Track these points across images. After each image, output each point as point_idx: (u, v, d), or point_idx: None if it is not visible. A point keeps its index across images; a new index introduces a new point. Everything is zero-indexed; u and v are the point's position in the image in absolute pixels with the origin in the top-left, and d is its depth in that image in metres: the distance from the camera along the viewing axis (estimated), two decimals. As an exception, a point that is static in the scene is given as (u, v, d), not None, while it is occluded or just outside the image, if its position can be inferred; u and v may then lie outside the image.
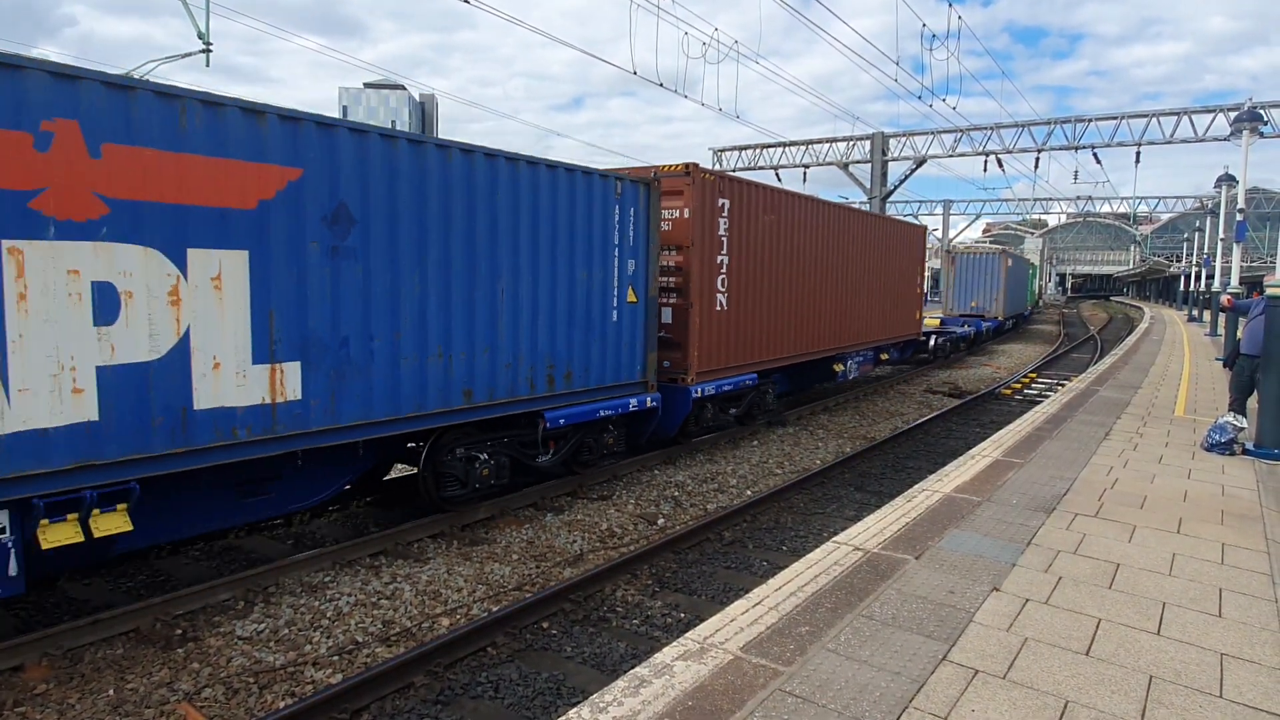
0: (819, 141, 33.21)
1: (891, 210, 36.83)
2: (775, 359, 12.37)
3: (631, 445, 10.07)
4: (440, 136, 8.47)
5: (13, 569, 4.75)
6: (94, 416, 4.90)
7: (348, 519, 8.03)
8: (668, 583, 6.66)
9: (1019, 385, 19.21)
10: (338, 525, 7.84)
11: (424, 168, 6.73)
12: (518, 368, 7.81)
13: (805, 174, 33.78)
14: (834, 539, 5.15)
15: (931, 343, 22.66)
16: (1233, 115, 21.85)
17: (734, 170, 34.62)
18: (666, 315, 10.20)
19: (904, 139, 31.39)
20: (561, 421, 8.38)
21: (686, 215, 10.07)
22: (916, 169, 31.71)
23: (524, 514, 8.28)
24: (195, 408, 5.38)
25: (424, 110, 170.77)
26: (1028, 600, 4.22)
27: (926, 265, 21.20)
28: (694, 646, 3.58)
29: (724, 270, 10.76)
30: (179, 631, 5.50)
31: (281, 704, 4.69)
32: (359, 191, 6.24)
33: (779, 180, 34.05)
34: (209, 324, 5.41)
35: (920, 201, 55.69)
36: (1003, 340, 33.07)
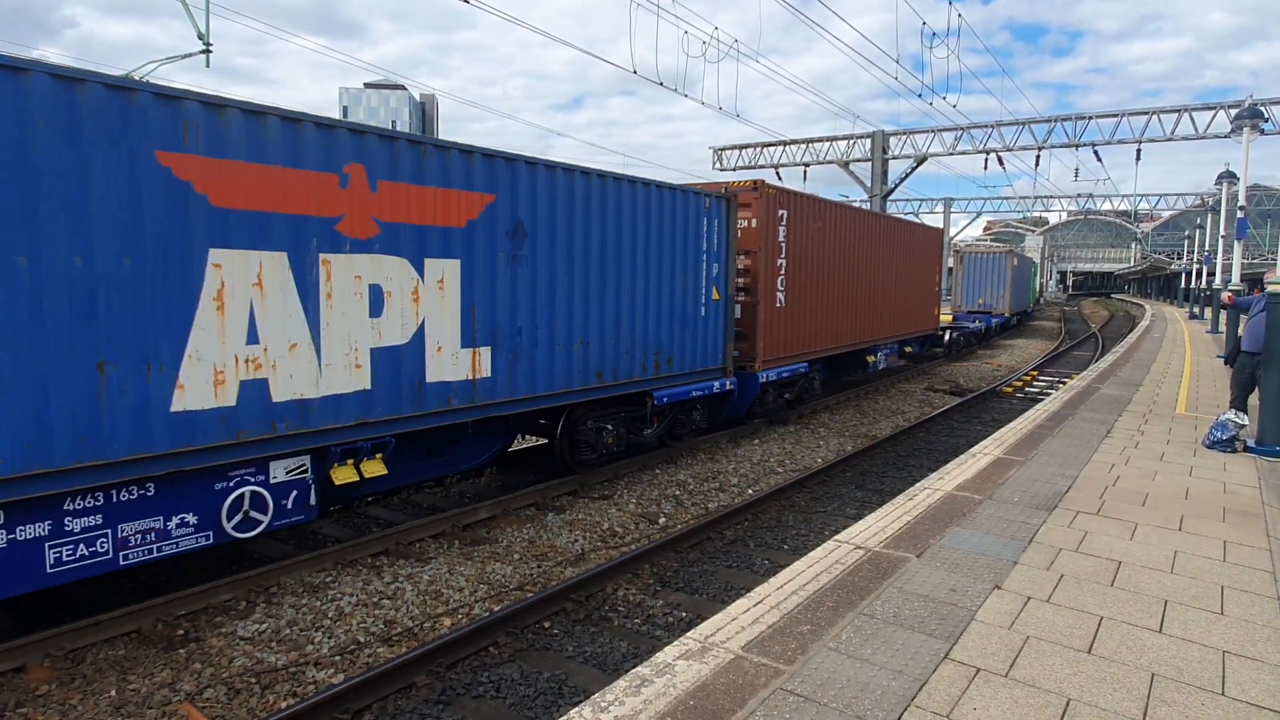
0: (819, 140, 33.17)
1: (892, 209, 36.87)
2: (822, 350, 14.08)
3: (711, 423, 11.53)
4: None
5: (313, 500, 6.35)
6: (368, 385, 6.49)
7: (349, 519, 8.04)
8: (669, 582, 6.66)
9: (1020, 383, 19.19)
10: (339, 525, 7.84)
11: (572, 190, 8.30)
12: (634, 354, 9.46)
13: (805, 172, 33.77)
14: (835, 537, 5.14)
15: (946, 337, 23.90)
16: (1233, 112, 21.82)
17: (734, 169, 34.63)
18: (736, 311, 11.53)
19: (904, 137, 31.35)
20: (665, 399, 10.00)
21: (754, 225, 11.67)
22: (917, 167, 31.67)
23: (525, 513, 8.28)
24: (427, 381, 6.99)
25: (424, 110, 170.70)
26: (1029, 598, 4.22)
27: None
28: (695, 646, 3.58)
29: (782, 272, 12.32)
30: (180, 632, 5.51)
31: (283, 704, 4.69)
32: (530, 211, 7.82)
33: (779, 179, 34.04)
34: (435, 316, 7.00)
35: (921, 200, 55.63)
36: (1008, 336, 33.95)
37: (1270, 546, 5.18)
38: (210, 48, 11.10)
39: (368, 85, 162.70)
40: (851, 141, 32.34)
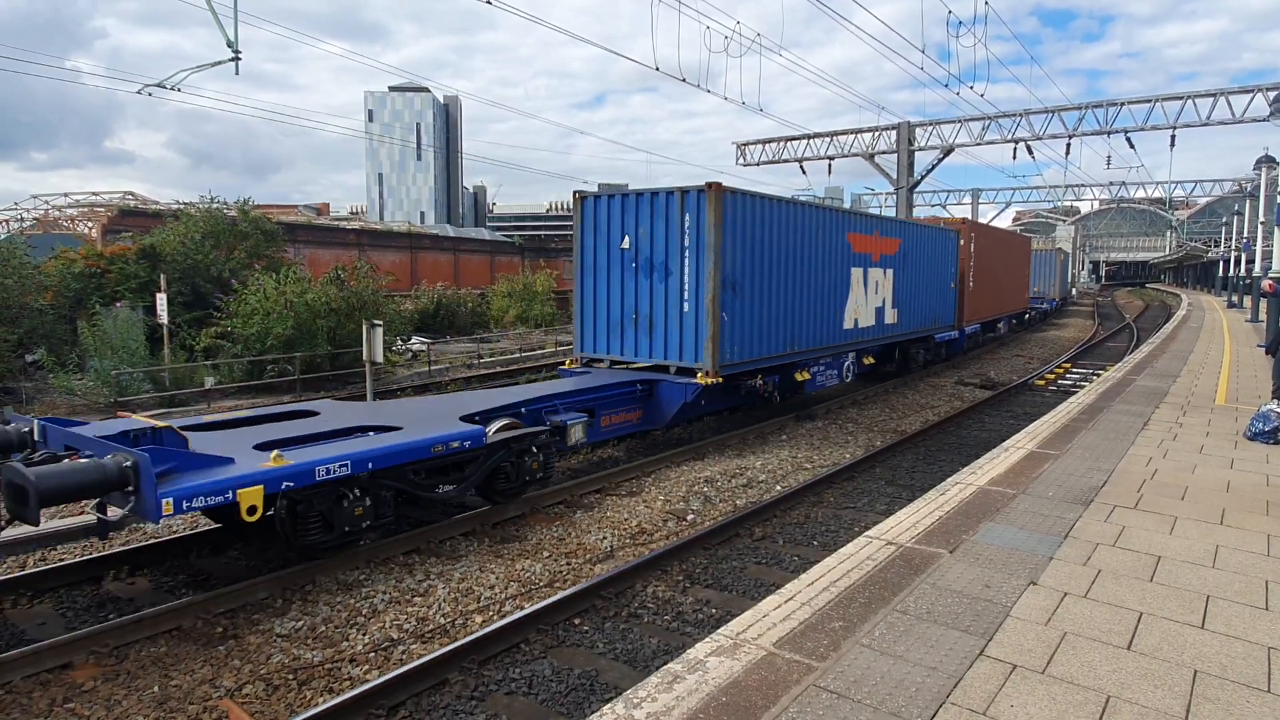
0: (844, 133, 32.83)
1: (919, 200, 36.80)
2: (984, 318, 23.19)
3: (945, 356, 21.03)
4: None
5: (857, 372, 15.49)
6: (873, 323, 15.30)
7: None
8: (698, 579, 6.65)
9: (1053, 375, 18.88)
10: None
11: (916, 233, 17.26)
12: (928, 315, 18.21)
13: (830, 166, 33.45)
14: (866, 533, 5.10)
15: (1026, 316, 32.67)
16: (1272, 95, 21.25)
17: (758, 163, 34.45)
18: (877, 300, 18.72)
19: (930, 128, 30.90)
20: (937, 339, 19.21)
21: (962, 243, 20.35)
22: (944, 158, 31.19)
23: (554, 511, 8.32)
24: (885, 323, 15.82)
25: (448, 112, 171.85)
26: (1066, 594, 4.15)
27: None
28: (727, 642, 3.57)
29: (971, 271, 21.09)
30: (220, 629, 5.62)
31: (320, 700, 4.76)
32: (907, 245, 16.50)
33: (804, 173, 33.87)
34: (887, 294, 15.79)
35: (948, 191, 54.90)
36: (1056, 317, 41.13)
37: (1316, 540, 5.04)
38: (239, 55, 11.27)
39: (392, 89, 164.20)
40: (876, 133, 31.98)
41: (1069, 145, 28.28)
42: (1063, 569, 4.50)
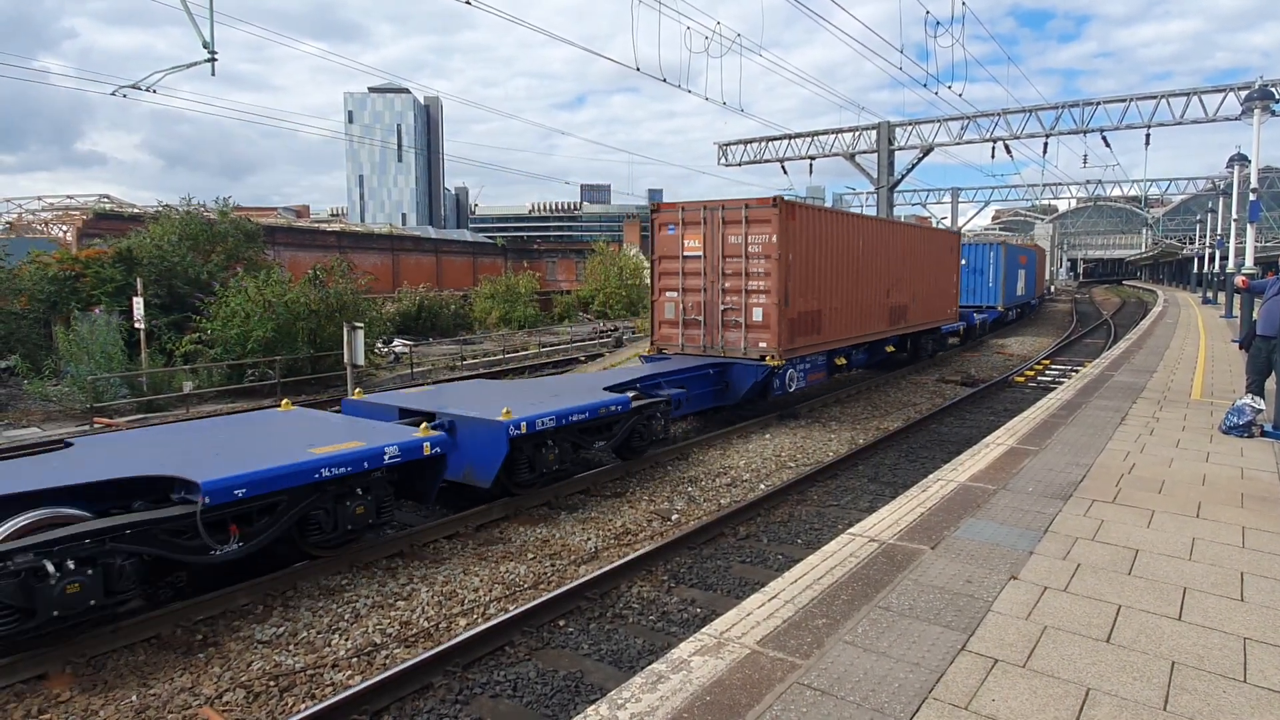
0: (824, 133, 32.99)
1: (899, 199, 37.54)
2: (1038, 296, 41.84)
3: (1025, 315, 37.69)
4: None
5: (1016, 317, 34.62)
6: (1019, 294, 32.61)
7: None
8: (683, 578, 6.65)
9: (1032, 372, 19.07)
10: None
11: (1028, 251, 36.02)
12: (1030, 293, 35.95)
13: (811, 166, 33.60)
14: (849, 531, 5.13)
15: (1042, 297, 45.46)
16: (1243, 94, 21.58)
17: (739, 164, 34.55)
18: (1020, 282, 32.66)
19: (910, 127, 31.12)
20: (1028, 302, 36.44)
21: (1036, 255, 39.58)
22: (923, 158, 31.41)
23: (538, 513, 8.29)
24: (1022, 295, 33.31)
25: (429, 113, 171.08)
26: (1046, 588, 4.19)
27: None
28: (711, 641, 3.58)
29: (1036, 269, 39.37)
30: (199, 637, 5.55)
31: (302, 706, 4.72)
32: (1029, 259, 35.54)
33: (785, 173, 34.04)
34: (1022, 281, 32.84)
35: (928, 190, 55.34)
36: (1047, 305, 49.69)
37: (1290, 531, 5.12)
38: (215, 56, 11.14)
39: (371, 89, 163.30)
40: (857, 133, 32.15)
41: (1046, 144, 28.59)
42: (1043, 563, 4.54)
